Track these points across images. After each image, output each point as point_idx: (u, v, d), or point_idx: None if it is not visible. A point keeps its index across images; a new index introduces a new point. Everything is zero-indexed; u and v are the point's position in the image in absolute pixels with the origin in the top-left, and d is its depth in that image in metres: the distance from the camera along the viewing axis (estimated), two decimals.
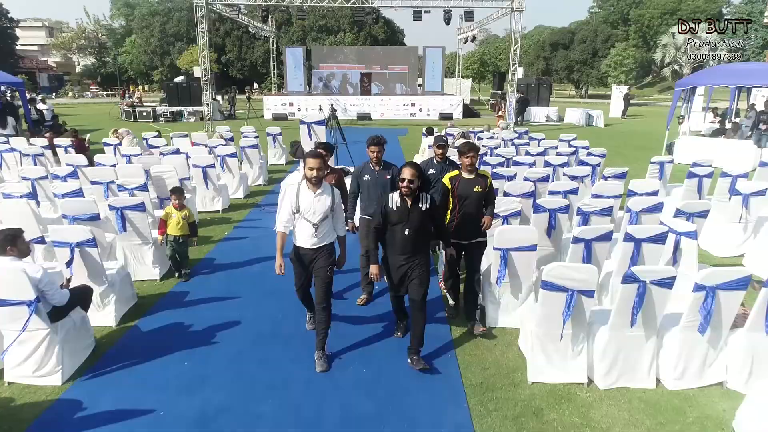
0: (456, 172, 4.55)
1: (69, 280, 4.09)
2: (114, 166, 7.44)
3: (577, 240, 4.39)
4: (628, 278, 3.46)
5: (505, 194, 5.82)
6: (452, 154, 6.14)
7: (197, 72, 24.57)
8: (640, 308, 3.51)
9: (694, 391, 3.71)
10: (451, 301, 4.96)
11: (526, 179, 6.52)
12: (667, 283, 3.49)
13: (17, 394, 3.64)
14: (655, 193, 6.13)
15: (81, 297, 4.00)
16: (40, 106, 19.46)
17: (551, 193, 6.18)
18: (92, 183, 7.05)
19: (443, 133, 11.54)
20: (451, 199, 4.45)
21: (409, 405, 3.57)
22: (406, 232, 3.79)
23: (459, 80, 32.44)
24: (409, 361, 3.96)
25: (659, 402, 3.60)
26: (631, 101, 28.81)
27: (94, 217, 5.23)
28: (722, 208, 6.71)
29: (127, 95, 29.63)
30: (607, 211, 5.29)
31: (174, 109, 24.00)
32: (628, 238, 4.37)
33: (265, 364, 4.04)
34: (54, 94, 41.90)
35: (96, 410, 3.49)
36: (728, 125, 14.57)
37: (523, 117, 22.81)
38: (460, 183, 4.45)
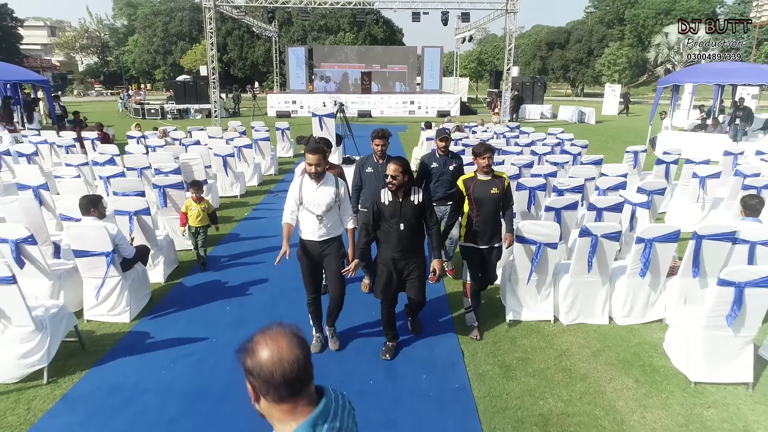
0: (471, 174, 4.39)
1: (133, 239, 5.00)
2: (146, 154, 8.32)
3: (548, 208, 5.28)
4: (584, 232, 4.36)
5: None
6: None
7: (203, 71, 25.45)
8: (593, 256, 4.41)
9: (638, 326, 4.62)
10: (475, 333, 4.43)
11: (512, 165, 7.40)
12: (614, 236, 4.39)
13: (96, 328, 4.54)
14: (624, 176, 7.01)
15: (142, 253, 4.90)
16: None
17: (533, 176, 7.04)
18: (128, 169, 7.93)
19: (440, 127, 12.44)
20: (467, 203, 4.33)
21: (409, 340, 4.45)
22: (401, 227, 3.78)
23: (457, 79, 33.38)
24: (408, 322, 4.63)
25: (609, 333, 4.51)
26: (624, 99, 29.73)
27: (140, 194, 6.11)
28: (684, 191, 7.62)
29: (126, 95, 30.60)
30: (578, 189, 6.18)
31: (180, 106, 24.90)
32: (591, 207, 5.28)
33: (293, 309, 4.92)
34: (60, 92, 42.67)
35: (161, 338, 4.39)
36: (710, 121, 15.52)
37: (517, 114, 23.69)
38: (476, 185, 4.26)
